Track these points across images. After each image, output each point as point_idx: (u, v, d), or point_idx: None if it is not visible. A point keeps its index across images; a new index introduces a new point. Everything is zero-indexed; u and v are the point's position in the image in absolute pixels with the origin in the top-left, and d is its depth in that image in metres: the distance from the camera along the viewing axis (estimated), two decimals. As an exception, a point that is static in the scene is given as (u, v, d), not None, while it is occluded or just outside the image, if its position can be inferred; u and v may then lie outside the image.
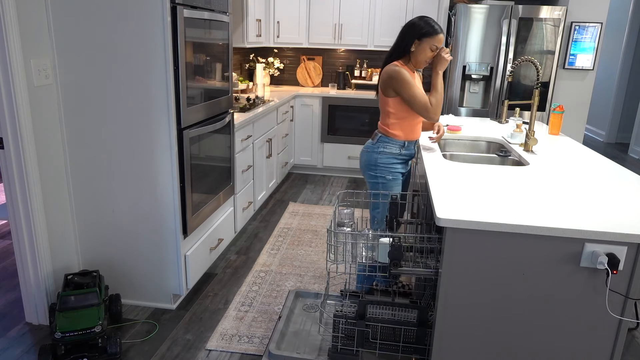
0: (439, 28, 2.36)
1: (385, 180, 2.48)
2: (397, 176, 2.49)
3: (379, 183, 2.49)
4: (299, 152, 5.21)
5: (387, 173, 2.47)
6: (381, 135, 2.48)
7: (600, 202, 1.78)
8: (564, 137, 3.02)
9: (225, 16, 2.92)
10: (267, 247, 3.45)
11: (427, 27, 2.35)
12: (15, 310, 2.60)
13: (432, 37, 2.34)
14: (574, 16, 4.40)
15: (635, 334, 2.57)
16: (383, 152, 2.47)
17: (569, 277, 1.59)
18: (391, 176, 2.48)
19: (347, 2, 4.96)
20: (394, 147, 2.47)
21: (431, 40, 2.35)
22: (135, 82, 2.33)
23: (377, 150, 2.48)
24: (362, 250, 1.96)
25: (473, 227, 1.57)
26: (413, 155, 2.59)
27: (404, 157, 2.51)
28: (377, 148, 2.48)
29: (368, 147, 2.53)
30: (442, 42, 2.37)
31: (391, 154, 2.47)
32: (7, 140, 2.18)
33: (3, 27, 2.04)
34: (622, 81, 7.25)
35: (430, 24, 2.35)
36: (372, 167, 2.49)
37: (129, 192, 2.50)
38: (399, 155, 2.48)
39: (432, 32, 2.34)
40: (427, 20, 2.37)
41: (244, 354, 2.30)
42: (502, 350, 1.71)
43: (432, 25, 2.35)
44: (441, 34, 2.36)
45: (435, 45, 2.36)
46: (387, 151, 2.46)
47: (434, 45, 2.35)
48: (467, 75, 4.49)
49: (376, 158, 2.47)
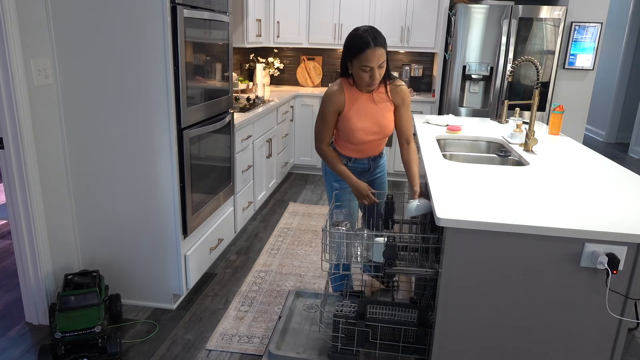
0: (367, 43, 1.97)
1: (333, 189, 2.38)
2: (345, 185, 2.34)
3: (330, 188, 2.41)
4: (299, 152, 5.21)
5: (334, 180, 2.38)
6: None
7: (600, 202, 1.78)
8: (564, 137, 3.02)
9: (225, 16, 2.92)
10: (267, 247, 3.45)
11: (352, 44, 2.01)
12: (15, 310, 2.60)
13: (357, 57, 2.01)
14: (574, 16, 4.40)
15: (635, 334, 2.57)
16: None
17: (569, 277, 1.59)
18: (338, 184, 2.37)
19: (347, 2, 4.96)
20: (342, 158, 2.35)
21: (358, 62, 2.02)
22: (135, 82, 2.33)
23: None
24: (357, 250, 1.97)
25: (473, 227, 1.58)
26: (367, 169, 2.40)
27: (353, 168, 2.36)
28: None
29: None
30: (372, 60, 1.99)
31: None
32: (7, 140, 2.18)
33: (3, 27, 2.04)
34: (622, 81, 7.25)
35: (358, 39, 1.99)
36: (324, 173, 2.44)
37: (129, 192, 2.50)
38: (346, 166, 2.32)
39: (356, 52, 2.00)
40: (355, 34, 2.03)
41: (244, 354, 2.30)
42: (502, 350, 1.71)
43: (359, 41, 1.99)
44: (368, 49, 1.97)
45: (364, 65, 2.00)
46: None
47: (364, 66, 2.01)
48: (467, 75, 4.49)
49: (325, 164, 2.40)
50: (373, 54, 1.98)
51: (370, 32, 2.01)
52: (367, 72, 2.04)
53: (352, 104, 2.17)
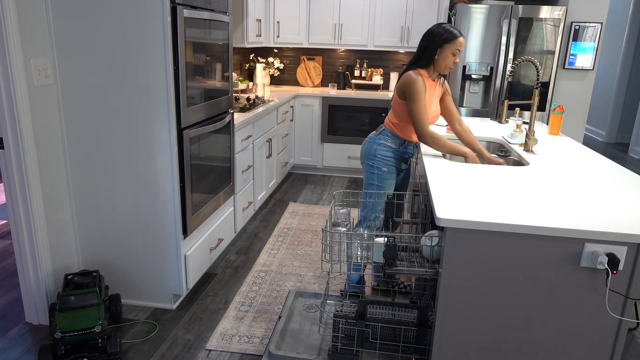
0: (458, 32, 2.41)
1: (381, 172, 2.56)
2: (392, 170, 2.58)
3: (374, 174, 2.58)
4: (299, 152, 5.21)
5: (384, 165, 2.56)
6: (384, 129, 2.59)
7: (600, 202, 1.78)
8: (564, 137, 3.02)
9: (225, 16, 2.92)
10: (267, 247, 3.45)
11: (446, 33, 2.40)
12: (15, 310, 2.60)
13: (453, 42, 2.40)
14: (574, 16, 4.40)
15: (635, 334, 2.57)
16: (383, 144, 2.56)
17: (569, 277, 1.59)
18: (387, 169, 2.56)
19: (347, 2, 4.96)
20: (394, 142, 2.57)
21: (452, 45, 2.40)
22: (135, 82, 2.33)
23: (378, 142, 2.58)
24: (357, 250, 1.97)
25: (473, 227, 1.57)
26: (412, 154, 2.65)
27: (402, 154, 2.61)
28: (379, 140, 2.59)
29: (370, 138, 2.64)
30: (462, 45, 2.42)
31: (390, 147, 2.56)
32: (7, 140, 2.18)
33: (3, 27, 2.04)
34: (622, 81, 7.25)
35: (449, 29, 2.40)
36: (371, 157, 2.58)
37: (129, 192, 2.50)
38: (397, 151, 2.58)
39: (452, 37, 2.39)
40: (444, 26, 2.42)
41: (244, 354, 2.30)
42: (502, 350, 1.71)
43: (451, 30, 2.40)
44: (461, 37, 2.41)
45: (457, 49, 2.41)
46: (387, 144, 2.56)
47: (456, 50, 2.41)
48: (467, 75, 4.49)
49: (375, 149, 2.57)
50: (463, 41, 2.43)
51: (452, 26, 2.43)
52: (457, 55, 2.42)
53: (428, 90, 2.47)
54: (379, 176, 2.57)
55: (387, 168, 2.56)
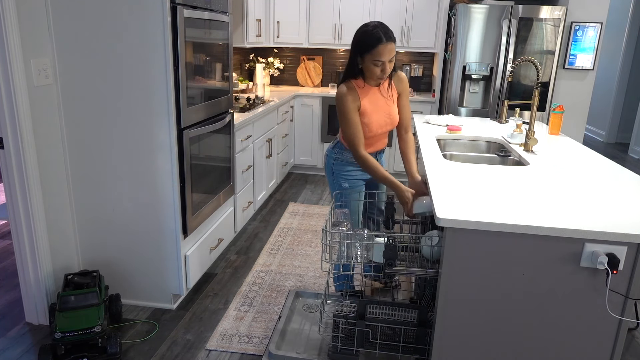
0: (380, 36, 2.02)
1: (342, 188, 2.37)
2: (356, 183, 2.37)
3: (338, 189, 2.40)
4: (299, 152, 5.21)
5: (343, 181, 2.37)
6: (338, 142, 2.38)
7: (600, 202, 1.78)
8: (564, 137, 3.02)
9: (225, 16, 2.92)
10: (267, 247, 3.45)
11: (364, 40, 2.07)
12: (15, 310, 2.60)
13: (370, 52, 2.06)
14: (574, 16, 4.40)
15: (635, 334, 2.57)
16: (339, 159, 2.37)
17: (569, 277, 1.59)
18: (348, 184, 2.36)
19: (347, 2, 4.96)
20: (350, 155, 2.33)
21: (370, 56, 2.07)
22: (135, 82, 2.33)
23: (333, 157, 2.39)
24: (357, 250, 1.97)
25: (473, 227, 1.57)
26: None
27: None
28: (334, 154, 2.39)
29: (327, 152, 2.44)
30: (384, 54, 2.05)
31: (346, 161, 2.35)
32: (7, 140, 2.18)
33: (3, 27, 2.04)
34: (622, 81, 7.25)
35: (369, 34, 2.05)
36: (329, 172, 2.41)
37: (129, 192, 2.50)
38: (355, 164, 2.34)
39: (368, 47, 2.06)
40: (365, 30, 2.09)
41: (244, 354, 2.30)
42: (502, 350, 1.71)
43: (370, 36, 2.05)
44: (381, 44, 2.03)
45: (376, 60, 2.06)
46: (343, 159, 2.36)
47: (377, 60, 2.07)
48: (467, 75, 4.49)
49: (332, 164, 2.39)
50: (385, 49, 2.05)
51: (380, 27, 2.06)
52: (379, 66, 2.09)
53: (365, 99, 2.21)
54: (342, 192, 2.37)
55: (348, 183, 2.35)
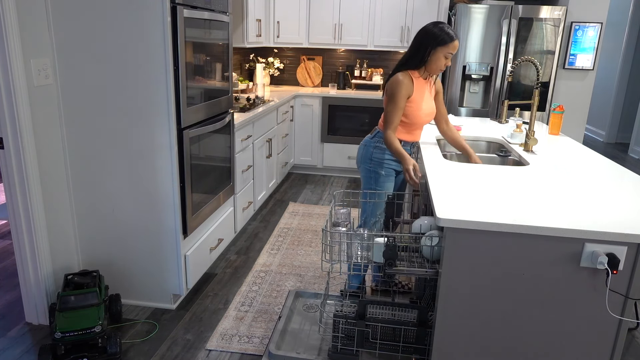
0: (454, 34, 2.33)
1: (379, 176, 2.50)
2: (390, 172, 2.51)
3: (371, 177, 2.52)
4: (299, 152, 5.21)
5: (381, 168, 2.49)
6: (379, 131, 2.51)
7: (600, 202, 1.78)
8: (564, 137, 3.02)
9: (225, 16, 2.92)
10: (267, 247, 3.45)
11: (441, 35, 2.31)
12: (15, 310, 2.60)
13: (447, 45, 2.32)
14: (574, 16, 4.40)
15: (635, 334, 2.57)
16: (378, 147, 2.48)
17: (569, 277, 1.59)
18: (384, 172, 2.49)
19: (347, 2, 4.96)
20: None
21: (445, 49, 2.33)
22: (135, 82, 2.33)
23: (373, 145, 2.50)
24: (357, 250, 1.96)
25: (473, 227, 1.57)
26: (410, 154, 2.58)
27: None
28: (374, 143, 2.50)
29: (366, 142, 2.56)
30: (456, 48, 2.35)
31: (386, 150, 2.48)
32: (7, 140, 2.18)
33: (3, 27, 2.04)
34: (622, 81, 7.25)
35: (445, 31, 2.32)
36: (368, 160, 2.52)
37: (129, 191, 2.50)
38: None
39: (446, 40, 2.31)
40: (441, 27, 2.34)
41: (244, 354, 2.30)
42: (502, 350, 1.71)
43: (447, 32, 2.32)
44: (456, 40, 2.34)
45: (449, 52, 2.34)
46: (383, 147, 2.47)
47: (449, 53, 2.34)
48: (467, 75, 4.49)
49: (371, 152, 2.51)
50: (457, 45, 2.36)
51: (448, 27, 2.35)
52: (447, 58, 2.36)
53: (418, 90, 2.41)
54: (377, 180, 2.50)
55: (384, 171, 2.49)
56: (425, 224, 2.00)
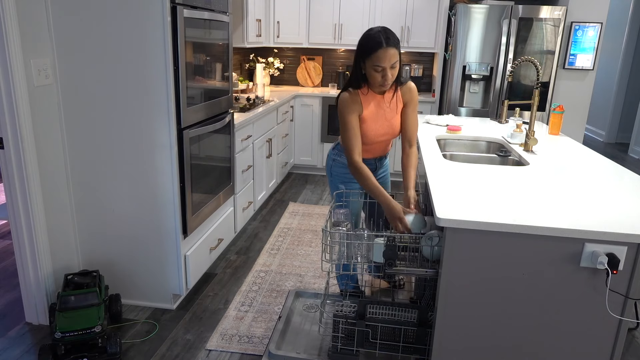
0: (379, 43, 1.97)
1: (338, 189, 2.37)
2: (352, 186, 2.36)
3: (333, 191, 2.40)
4: (299, 152, 5.21)
5: (339, 182, 2.38)
6: (338, 143, 2.37)
7: (600, 202, 1.78)
8: (564, 137, 3.02)
9: (225, 16, 2.92)
10: (267, 247, 3.45)
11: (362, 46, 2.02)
12: (15, 310, 2.60)
13: (369, 57, 2.01)
14: (574, 16, 4.40)
15: (635, 334, 2.57)
16: (337, 160, 2.36)
17: (569, 277, 1.59)
18: (344, 186, 2.36)
19: (347, 2, 4.96)
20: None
21: (370, 61, 2.02)
22: (135, 82, 2.33)
23: (332, 158, 2.39)
24: (357, 250, 1.97)
25: (473, 227, 1.58)
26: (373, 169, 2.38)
27: None
28: (333, 155, 2.39)
29: (329, 153, 2.45)
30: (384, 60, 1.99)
31: (344, 164, 2.30)
32: (7, 140, 2.18)
33: (3, 27, 2.04)
34: (622, 81, 7.25)
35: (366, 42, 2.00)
36: (329, 173, 2.43)
37: (129, 192, 2.50)
38: None
39: (367, 51, 2.01)
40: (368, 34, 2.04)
41: (244, 354, 2.30)
42: (502, 350, 1.71)
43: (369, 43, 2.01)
44: (380, 50, 1.97)
45: (376, 64, 2.00)
46: (341, 160, 2.34)
47: (376, 66, 2.01)
48: (467, 75, 4.49)
49: (331, 165, 2.40)
50: (385, 54, 1.98)
51: (383, 32, 2.01)
52: (379, 72, 2.03)
53: (367, 106, 2.16)
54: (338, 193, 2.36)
55: (344, 186, 2.35)
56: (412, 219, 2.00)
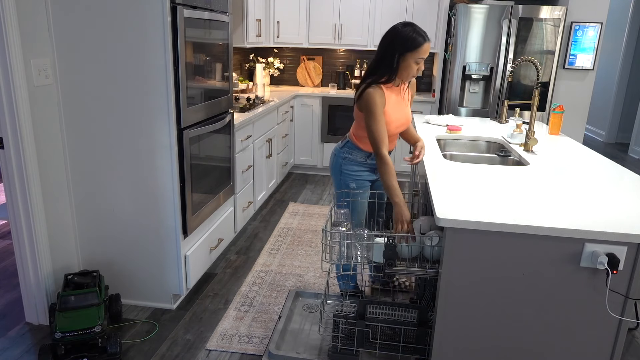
0: (423, 36, 2.09)
1: (349, 188, 2.36)
2: (363, 184, 2.38)
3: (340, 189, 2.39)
4: (299, 152, 5.21)
5: (351, 180, 2.36)
6: (348, 141, 2.39)
7: (600, 202, 1.78)
8: (564, 137, 3.02)
9: (225, 16, 2.92)
10: (267, 247, 3.45)
11: (408, 40, 2.08)
12: (15, 310, 2.60)
13: (416, 50, 2.09)
14: (574, 16, 4.40)
15: (635, 334, 2.57)
16: (348, 158, 2.37)
17: (569, 277, 1.59)
18: (355, 184, 2.36)
19: (347, 2, 4.96)
20: (359, 155, 2.36)
21: (415, 54, 2.10)
22: (135, 82, 2.33)
23: (342, 156, 2.38)
24: (357, 250, 1.97)
25: (473, 227, 1.58)
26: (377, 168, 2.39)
27: (371, 165, 2.39)
28: (343, 154, 2.38)
29: (335, 151, 2.43)
30: (427, 52, 2.11)
31: (356, 161, 2.36)
32: (7, 140, 2.18)
33: (3, 27, 2.04)
34: (622, 81, 7.25)
35: (411, 35, 2.08)
36: (337, 172, 2.40)
37: (129, 192, 2.50)
38: (364, 164, 2.37)
39: (414, 45, 2.08)
40: (407, 30, 2.10)
41: (244, 354, 2.30)
42: (502, 350, 1.71)
43: (413, 36, 2.08)
44: (426, 42, 2.10)
45: (420, 57, 2.11)
46: (352, 158, 2.36)
47: (420, 58, 2.12)
48: (467, 75, 4.49)
49: (341, 164, 2.38)
50: (428, 47, 2.13)
51: (417, 27, 2.13)
52: (419, 64, 2.14)
53: (389, 99, 2.22)
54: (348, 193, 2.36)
55: (355, 184, 2.35)
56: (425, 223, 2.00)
